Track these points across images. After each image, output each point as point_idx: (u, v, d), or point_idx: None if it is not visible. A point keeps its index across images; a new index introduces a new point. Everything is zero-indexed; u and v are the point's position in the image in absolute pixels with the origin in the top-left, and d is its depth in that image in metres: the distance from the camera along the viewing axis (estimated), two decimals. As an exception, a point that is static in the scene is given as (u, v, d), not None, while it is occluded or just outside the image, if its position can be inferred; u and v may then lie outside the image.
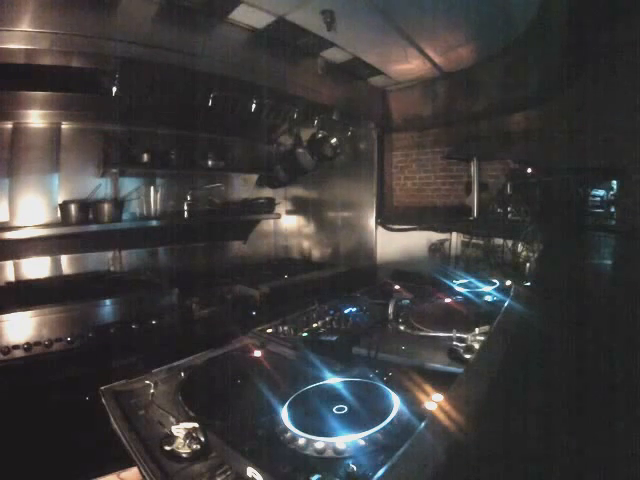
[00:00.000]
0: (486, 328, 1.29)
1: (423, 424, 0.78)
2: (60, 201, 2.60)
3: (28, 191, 2.53)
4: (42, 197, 2.58)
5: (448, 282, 2.01)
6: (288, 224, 4.09)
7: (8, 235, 2.32)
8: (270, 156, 3.80)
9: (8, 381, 1.76)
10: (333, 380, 1.04)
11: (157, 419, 0.94)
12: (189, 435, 0.81)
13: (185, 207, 3.16)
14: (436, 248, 3.08)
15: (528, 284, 2.02)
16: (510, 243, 2.43)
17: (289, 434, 0.81)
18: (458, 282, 1.99)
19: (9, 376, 1.78)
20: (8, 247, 2.43)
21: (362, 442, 0.78)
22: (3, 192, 2.47)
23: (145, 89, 2.24)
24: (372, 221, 3.52)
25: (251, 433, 0.84)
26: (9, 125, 2.46)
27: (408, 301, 1.72)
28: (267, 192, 3.81)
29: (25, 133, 2.50)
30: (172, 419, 0.91)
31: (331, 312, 1.64)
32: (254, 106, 2.61)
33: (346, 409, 0.89)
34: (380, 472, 0.64)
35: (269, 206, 3.66)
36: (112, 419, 0.94)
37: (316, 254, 3.93)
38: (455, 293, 1.87)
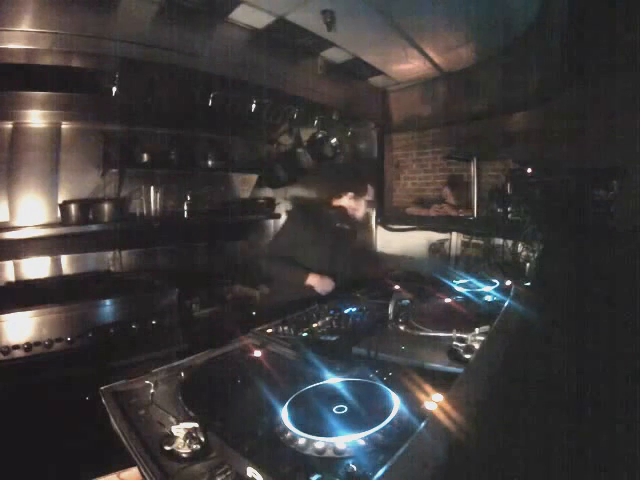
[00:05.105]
0: (486, 328, 1.28)
1: (423, 424, 0.77)
2: (60, 201, 2.60)
3: (28, 191, 2.53)
4: (42, 197, 2.58)
5: (448, 282, 2.00)
6: (288, 224, 4.08)
7: (8, 235, 2.32)
8: (270, 156, 3.80)
9: (8, 381, 1.76)
10: (333, 380, 1.03)
11: (157, 419, 0.93)
12: (189, 435, 0.81)
13: (185, 207, 3.16)
14: (436, 248, 3.09)
15: (528, 284, 2.02)
16: (510, 243, 2.43)
17: (289, 434, 0.81)
18: (458, 282, 1.98)
19: (9, 376, 1.78)
20: (8, 247, 2.43)
21: (362, 442, 0.77)
22: (3, 192, 2.46)
23: (145, 89, 2.24)
24: (372, 221, 3.52)
25: (251, 433, 0.84)
26: (9, 125, 2.46)
27: (408, 301, 1.71)
28: (267, 192, 3.81)
29: (25, 133, 2.50)
30: (172, 419, 0.91)
31: (331, 312, 1.63)
32: (254, 106, 2.61)
33: (346, 409, 0.88)
34: (380, 472, 0.64)
35: (269, 206, 3.66)
36: (112, 419, 0.94)
37: (316, 254, 3.92)
38: (455, 293, 1.86)
